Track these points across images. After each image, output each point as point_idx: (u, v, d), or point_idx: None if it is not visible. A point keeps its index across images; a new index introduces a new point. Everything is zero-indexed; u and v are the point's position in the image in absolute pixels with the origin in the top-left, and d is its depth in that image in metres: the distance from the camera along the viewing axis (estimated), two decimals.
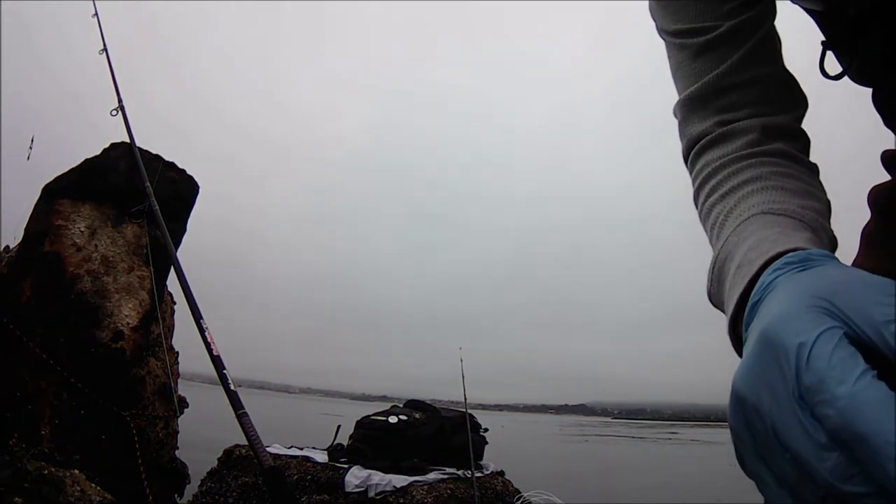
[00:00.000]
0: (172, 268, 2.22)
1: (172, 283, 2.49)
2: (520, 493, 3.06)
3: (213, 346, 2.14)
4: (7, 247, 2.82)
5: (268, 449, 2.93)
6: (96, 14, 2.79)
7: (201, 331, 2.14)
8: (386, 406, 3.17)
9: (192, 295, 2.15)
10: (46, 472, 2.19)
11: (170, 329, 2.53)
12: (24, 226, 2.67)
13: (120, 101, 2.52)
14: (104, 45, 2.65)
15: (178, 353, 2.52)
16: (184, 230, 2.53)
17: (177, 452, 2.55)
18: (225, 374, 2.13)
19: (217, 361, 2.12)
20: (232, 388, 2.12)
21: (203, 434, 2.89)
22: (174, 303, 2.60)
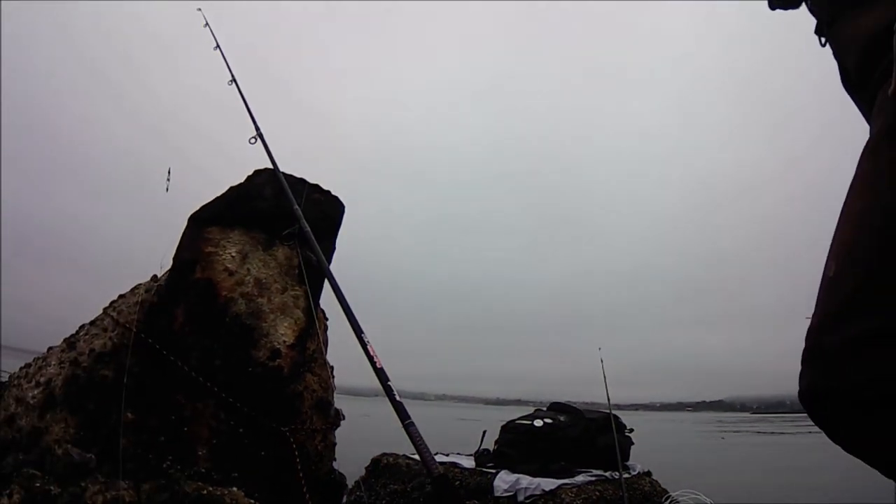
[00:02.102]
0: (326, 285, 2.27)
1: (324, 300, 2.56)
2: (668, 492, 2.95)
3: (376, 359, 2.16)
4: (155, 276, 2.97)
5: (413, 455, 3.00)
6: (218, 46, 2.91)
7: (363, 345, 2.17)
8: (521, 410, 3.15)
9: (351, 311, 2.18)
10: (205, 491, 2.27)
11: (324, 344, 2.60)
12: (171, 255, 2.80)
13: (258, 128, 2.62)
14: (232, 76, 2.77)
15: (332, 367, 2.59)
16: (333, 249, 2.60)
17: (334, 464, 2.62)
18: (390, 385, 2.15)
19: (381, 374, 2.15)
20: (397, 398, 2.14)
21: (351, 445, 2.95)
22: (327, 319, 2.67)
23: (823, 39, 1.06)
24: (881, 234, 0.84)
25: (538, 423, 2.86)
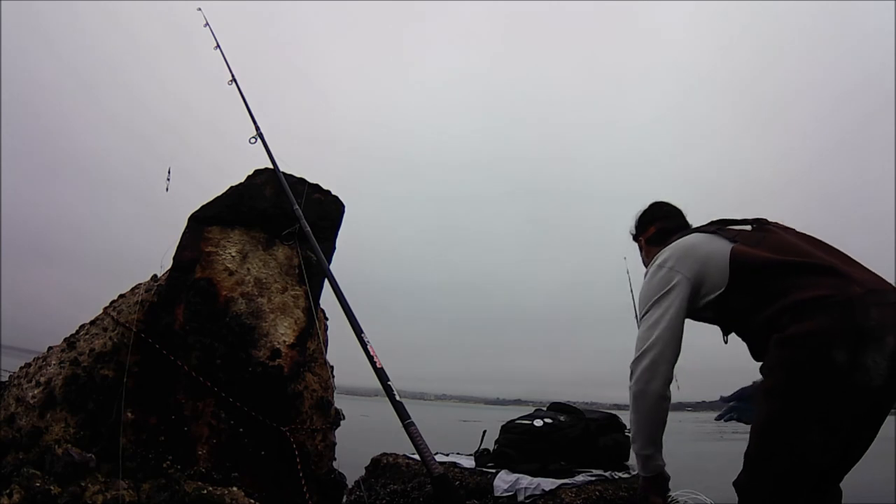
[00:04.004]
0: (326, 285, 2.27)
1: (324, 300, 2.56)
2: (668, 492, 2.94)
3: (375, 360, 2.16)
4: (155, 275, 2.96)
5: (413, 455, 2.99)
6: (218, 46, 2.92)
7: (363, 345, 2.17)
8: (521, 410, 3.15)
9: (351, 311, 2.18)
10: (205, 491, 2.27)
11: (324, 344, 2.60)
12: (171, 255, 2.79)
13: (258, 128, 2.62)
14: (232, 75, 2.77)
15: (332, 367, 2.59)
16: (333, 248, 2.60)
17: (334, 464, 2.62)
18: (390, 385, 2.15)
19: (381, 374, 2.15)
20: (397, 398, 2.14)
21: (351, 445, 2.95)
22: (327, 319, 2.67)
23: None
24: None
25: (538, 423, 2.86)
